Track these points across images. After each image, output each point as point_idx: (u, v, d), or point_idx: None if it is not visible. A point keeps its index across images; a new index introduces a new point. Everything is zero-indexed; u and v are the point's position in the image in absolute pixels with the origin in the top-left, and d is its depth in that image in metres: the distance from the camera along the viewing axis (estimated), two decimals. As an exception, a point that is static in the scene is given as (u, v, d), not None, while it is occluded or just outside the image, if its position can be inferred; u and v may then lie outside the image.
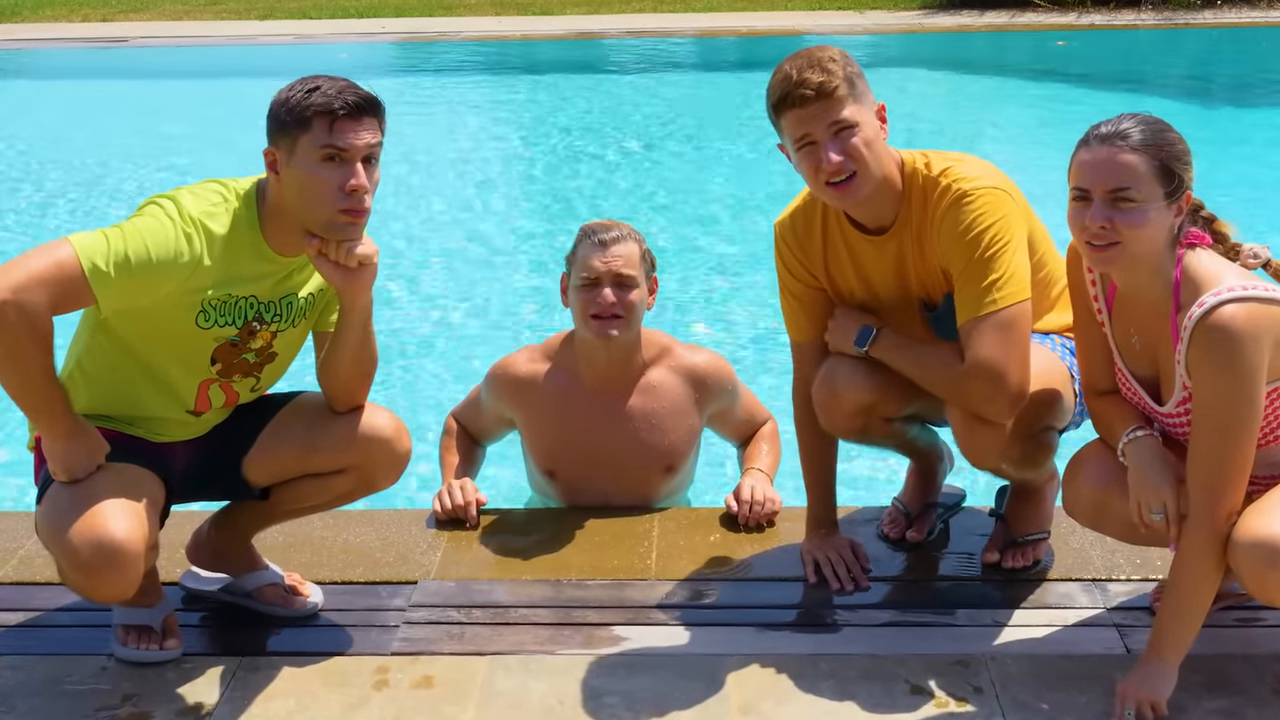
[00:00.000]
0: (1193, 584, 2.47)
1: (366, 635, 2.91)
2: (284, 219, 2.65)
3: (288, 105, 2.58)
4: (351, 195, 2.58)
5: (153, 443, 2.75)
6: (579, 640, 2.87)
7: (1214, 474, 2.42)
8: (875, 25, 14.06)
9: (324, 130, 2.56)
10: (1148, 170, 2.41)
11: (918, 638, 2.87)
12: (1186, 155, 2.45)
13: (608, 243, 3.30)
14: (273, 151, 2.61)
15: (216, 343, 2.69)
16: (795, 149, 2.74)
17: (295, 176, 2.59)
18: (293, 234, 2.66)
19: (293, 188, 2.60)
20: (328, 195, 2.58)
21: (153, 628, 2.82)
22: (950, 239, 2.76)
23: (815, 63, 2.69)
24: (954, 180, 2.77)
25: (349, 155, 2.57)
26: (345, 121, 2.57)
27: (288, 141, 2.58)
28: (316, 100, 2.56)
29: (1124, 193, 2.41)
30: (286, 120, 2.58)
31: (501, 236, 7.50)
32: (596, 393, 3.46)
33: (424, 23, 15.51)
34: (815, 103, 2.67)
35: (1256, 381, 2.40)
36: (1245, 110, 10.62)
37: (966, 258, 2.74)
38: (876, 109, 2.77)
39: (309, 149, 2.56)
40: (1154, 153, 2.41)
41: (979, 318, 2.73)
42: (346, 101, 2.56)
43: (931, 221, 2.79)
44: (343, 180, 2.57)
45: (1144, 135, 2.42)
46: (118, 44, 14.70)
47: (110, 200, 8.03)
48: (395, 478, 2.90)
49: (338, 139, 2.56)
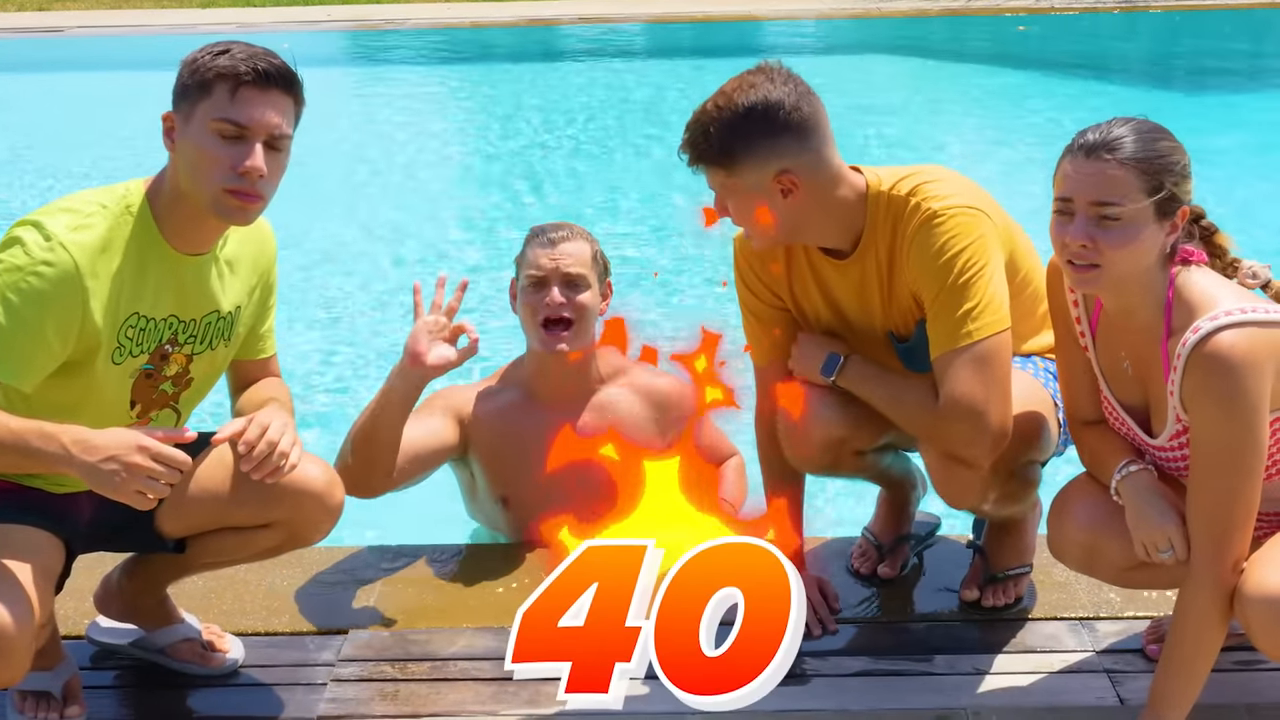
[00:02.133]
0: (1196, 638, 2.25)
1: (291, 695, 2.66)
2: (183, 204, 2.36)
3: (192, 66, 2.30)
4: (243, 176, 2.30)
5: (53, 494, 2.47)
6: (523, 699, 2.63)
7: (1217, 519, 2.21)
8: (831, 9, 13.90)
9: (225, 98, 2.27)
10: (1137, 185, 2.18)
11: (892, 690, 2.64)
12: (1182, 167, 2.22)
13: (556, 240, 3.08)
14: (170, 117, 2.33)
15: (132, 378, 2.40)
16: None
17: (188, 147, 2.30)
18: (189, 225, 2.37)
19: (185, 159, 2.31)
20: (216, 170, 2.28)
21: (53, 694, 2.55)
22: (920, 263, 2.52)
23: (697, 131, 2.50)
24: (923, 199, 2.53)
25: (248, 134, 2.29)
26: (250, 90, 2.28)
27: (186, 106, 2.30)
28: (222, 63, 2.27)
29: (1109, 209, 2.18)
30: (188, 83, 2.30)
31: (450, 228, 7.27)
32: (549, 410, 3.21)
33: (371, 10, 15.22)
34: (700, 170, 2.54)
35: (1260, 416, 2.18)
36: (1202, 93, 10.52)
37: (939, 284, 2.50)
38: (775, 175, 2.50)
39: (204, 118, 2.28)
40: (1145, 166, 2.18)
41: (954, 350, 2.50)
42: (255, 68, 2.27)
43: (901, 245, 2.56)
44: (236, 159, 2.28)
45: (1135, 145, 2.19)
46: (53, 34, 14.35)
47: (44, 193, 7.73)
48: (326, 532, 2.62)
49: (238, 112, 2.28)
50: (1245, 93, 10.47)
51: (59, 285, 2.26)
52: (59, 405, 2.33)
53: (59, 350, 2.30)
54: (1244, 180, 6.78)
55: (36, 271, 2.25)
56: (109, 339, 2.33)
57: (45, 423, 2.23)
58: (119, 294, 2.33)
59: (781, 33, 13.26)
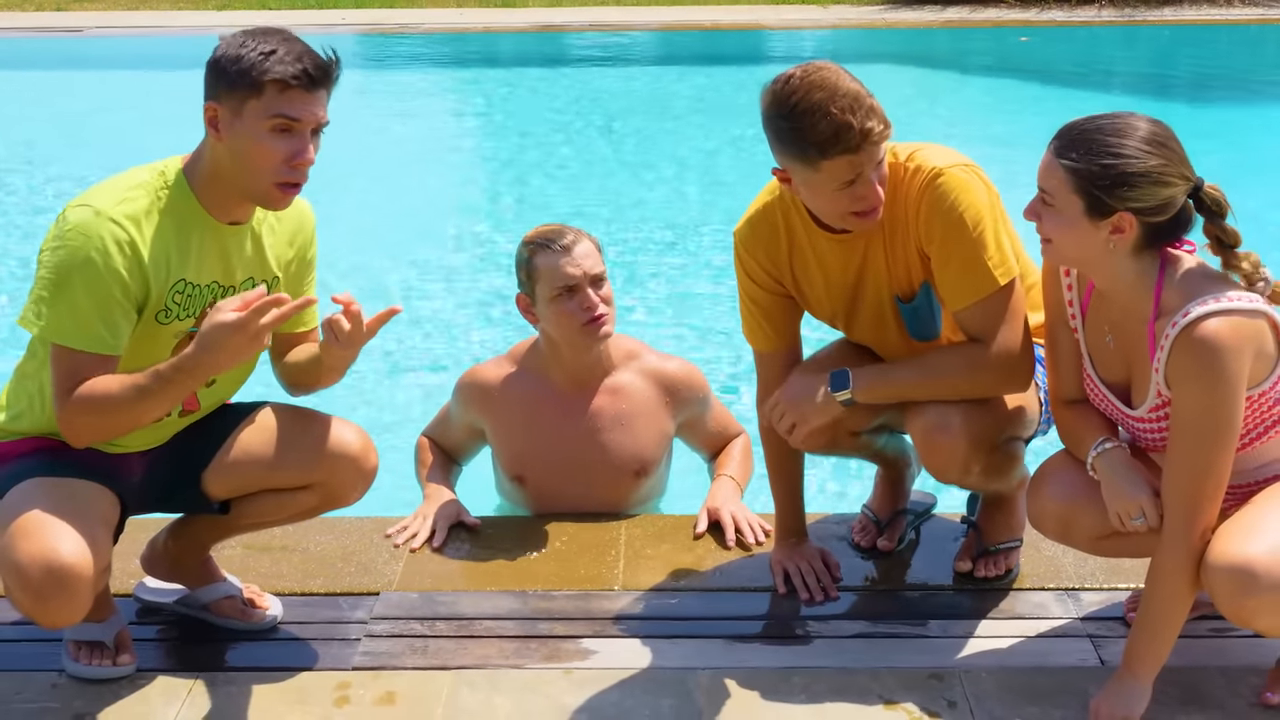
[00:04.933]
0: (1167, 600, 2.43)
1: (327, 649, 2.84)
2: (222, 183, 2.55)
3: (240, 64, 2.45)
4: (296, 169, 2.49)
5: (109, 454, 2.67)
6: (545, 653, 2.81)
7: (1191, 489, 2.39)
8: (838, 20, 14.06)
9: (276, 97, 2.45)
10: (1067, 185, 2.38)
11: (889, 650, 2.82)
12: (1124, 177, 2.34)
13: (569, 247, 3.24)
14: (214, 108, 2.50)
15: (177, 339, 2.60)
16: (835, 188, 2.62)
17: (239, 141, 2.48)
18: (228, 199, 2.57)
19: (233, 152, 2.50)
20: (271, 166, 2.48)
21: (105, 643, 2.74)
22: (933, 218, 2.69)
23: (858, 103, 2.57)
24: (922, 163, 2.71)
25: (300, 127, 2.48)
26: (300, 89, 2.47)
27: (233, 101, 2.47)
28: (274, 67, 2.44)
29: (1045, 195, 2.43)
30: (236, 79, 2.46)
31: (461, 232, 7.41)
32: (564, 395, 3.40)
33: (385, 14, 15.37)
34: (874, 147, 2.59)
35: (1237, 397, 2.36)
36: (1202, 106, 10.68)
37: (956, 236, 2.68)
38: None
39: (258, 115, 2.46)
40: (1078, 171, 2.35)
41: (985, 299, 2.70)
42: (306, 72, 2.46)
43: (905, 205, 2.72)
44: (290, 153, 2.48)
45: (1080, 152, 2.36)
46: (72, 34, 14.48)
47: (63, 190, 7.86)
48: (361, 494, 2.82)
49: (291, 109, 2.46)
50: (1241, 105, 10.66)
51: (117, 257, 2.46)
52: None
53: (132, 312, 2.51)
54: (1238, 189, 6.94)
55: (98, 247, 2.45)
56: (157, 302, 2.54)
57: (157, 366, 2.47)
58: (167, 260, 2.53)
59: (789, 42, 13.43)
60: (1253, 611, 2.35)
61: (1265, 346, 2.39)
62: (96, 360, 2.49)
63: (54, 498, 2.51)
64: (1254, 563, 2.31)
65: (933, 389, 2.77)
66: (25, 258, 6.37)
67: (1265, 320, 2.38)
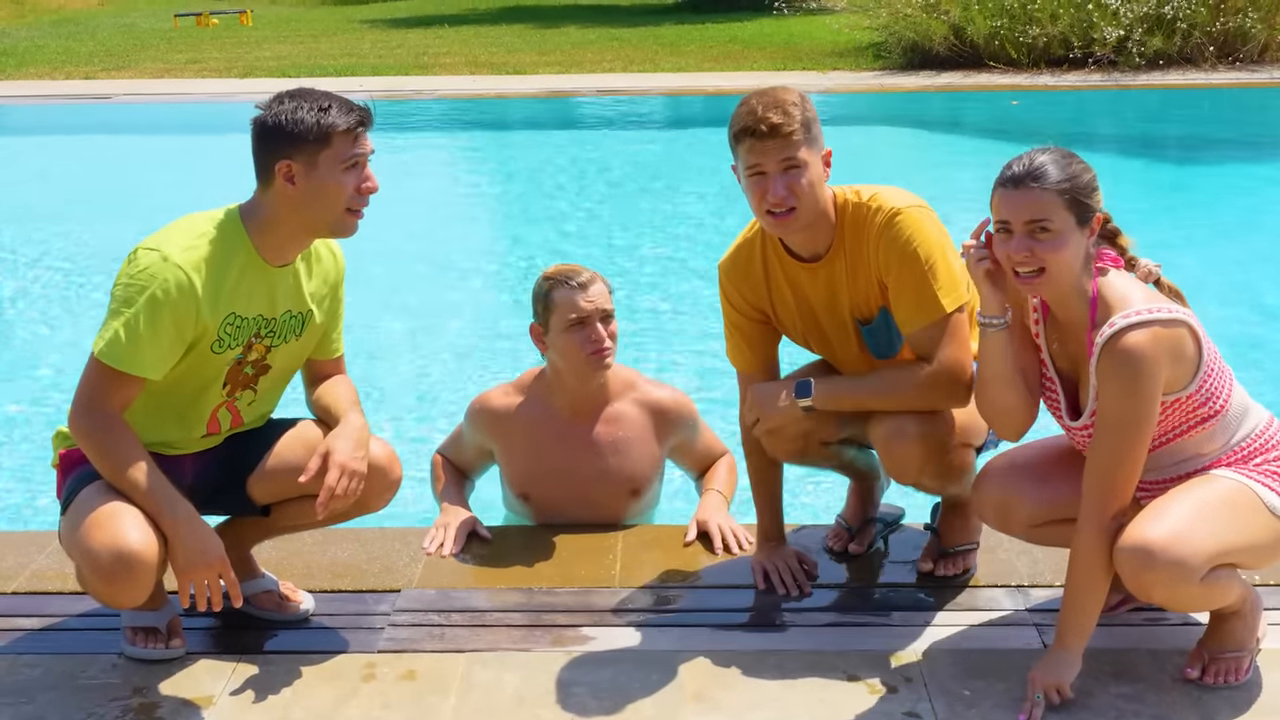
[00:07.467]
0: (1086, 577, 2.76)
1: (355, 636, 3.18)
2: (278, 229, 2.97)
3: (302, 124, 2.88)
4: (363, 195, 2.95)
5: (165, 456, 3.03)
6: (549, 640, 3.16)
7: (1107, 476, 2.73)
8: (837, 85, 14.48)
9: (347, 144, 2.91)
10: (1058, 203, 2.70)
11: (856, 636, 3.16)
12: (1093, 182, 2.75)
13: (585, 284, 3.59)
14: (289, 165, 2.91)
15: (228, 366, 2.99)
16: (746, 175, 3.04)
17: (317, 185, 2.91)
18: (285, 243, 2.99)
19: (309, 194, 2.91)
20: (345, 196, 2.93)
21: (159, 629, 3.09)
22: (889, 253, 3.05)
23: (779, 104, 2.99)
24: (882, 204, 3.09)
25: (362, 161, 2.95)
26: (360, 134, 2.94)
27: (306, 156, 2.90)
28: (337, 120, 2.89)
29: (1041, 223, 2.70)
30: (304, 137, 2.89)
31: (476, 288, 7.78)
32: (567, 422, 3.75)
33: (400, 81, 15.84)
34: (771, 140, 2.97)
35: (1154, 398, 2.71)
36: (1187, 167, 11.06)
37: (910, 269, 3.03)
38: (824, 154, 3.08)
39: (332, 162, 2.90)
40: (1062, 187, 2.70)
41: (932, 324, 3.05)
42: (360, 120, 2.93)
43: (867, 242, 3.09)
44: (359, 182, 2.94)
45: (1054, 171, 2.71)
46: (101, 100, 14.94)
47: (93, 253, 8.24)
48: (387, 501, 3.19)
49: (359, 150, 2.93)
50: (1223, 165, 11.03)
51: (178, 296, 2.86)
52: (170, 379, 2.94)
53: (180, 347, 2.90)
54: (1221, 246, 7.28)
55: (162, 287, 2.85)
56: (212, 333, 2.92)
57: (166, 492, 2.86)
58: (220, 298, 2.92)
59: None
60: (1150, 585, 2.69)
61: (1184, 351, 2.72)
62: (126, 378, 2.86)
63: (120, 496, 2.87)
64: (1151, 543, 2.66)
65: (884, 401, 3.14)
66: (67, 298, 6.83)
67: (1184, 328, 2.72)
